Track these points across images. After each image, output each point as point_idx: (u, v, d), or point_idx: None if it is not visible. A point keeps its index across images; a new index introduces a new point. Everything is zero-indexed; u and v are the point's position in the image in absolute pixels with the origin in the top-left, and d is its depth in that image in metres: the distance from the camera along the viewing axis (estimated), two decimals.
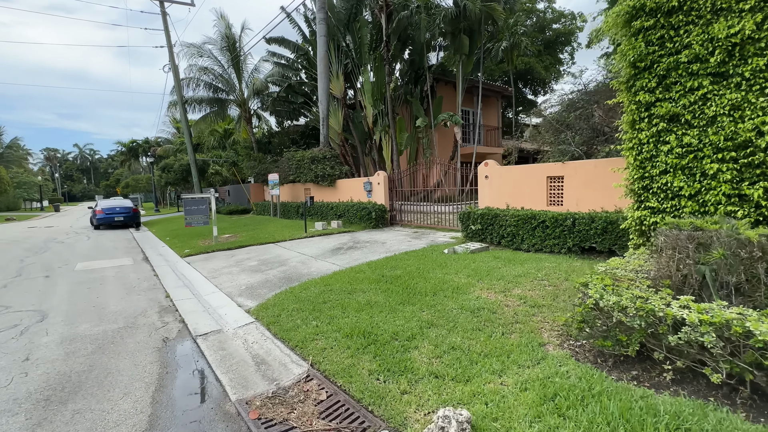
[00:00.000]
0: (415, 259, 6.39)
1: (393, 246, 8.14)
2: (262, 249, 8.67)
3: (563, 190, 7.14)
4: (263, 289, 5.39)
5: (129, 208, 16.45)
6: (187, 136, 16.75)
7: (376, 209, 11.18)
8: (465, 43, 13.55)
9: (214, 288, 5.64)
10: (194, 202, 9.52)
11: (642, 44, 4.22)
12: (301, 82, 18.17)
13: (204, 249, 8.79)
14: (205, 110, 20.23)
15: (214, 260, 7.73)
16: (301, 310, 4.27)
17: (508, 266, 5.58)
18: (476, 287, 4.69)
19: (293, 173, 15.42)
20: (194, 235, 11.32)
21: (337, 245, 8.59)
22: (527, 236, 6.91)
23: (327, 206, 13.27)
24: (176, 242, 10.34)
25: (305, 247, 8.53)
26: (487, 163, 8.47)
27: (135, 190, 38.08)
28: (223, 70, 20.16)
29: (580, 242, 6.17)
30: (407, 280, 5.13)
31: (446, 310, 4.00)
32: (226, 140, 29.94)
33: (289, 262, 7.13)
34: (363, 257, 7.11)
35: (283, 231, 11.09)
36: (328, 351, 3.25)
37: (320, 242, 9.12)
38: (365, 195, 12.35)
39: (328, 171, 13.61)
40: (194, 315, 4.49)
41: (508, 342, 3.23)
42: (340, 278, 5.47)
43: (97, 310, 4.83)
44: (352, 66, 17.26)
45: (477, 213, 7.88)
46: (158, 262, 8.05)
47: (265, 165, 18.56)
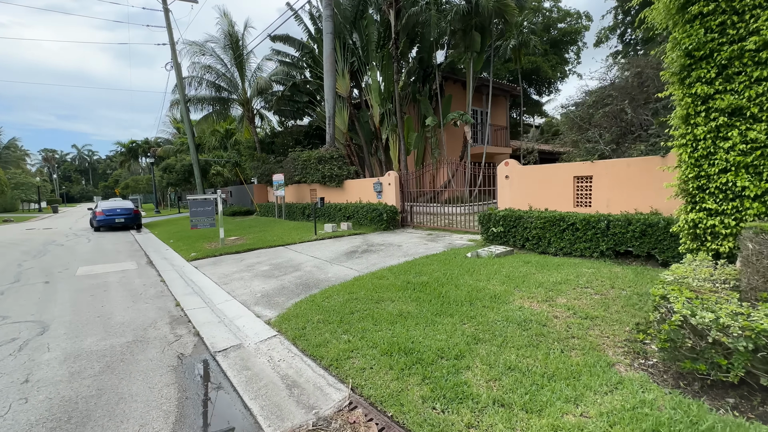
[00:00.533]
0: (439, 264, 6.02)
1: (410, 249, 7.77)
2: (272, 252, 8.29)
3: (592, 191, 6.79)
4: (281, 297, 5.01)
5: (130, 209, 16.04)
6: (189, 135, 16.37)
7: (387, 211, 10.81)
8: (477, 39, 13.21)
9: (227, 296, 5.26)
10: (200, 204, 9.15)
11: (701, 31, 3.86)
12: (306, 80, 17.82)
13: (211, 252, 8.40)
14: (207, 109, 19.86)
15: (223, 264, 7.34)
16: (327, 321, 3.90)
17: (542, 272, 5.22)
18: (515, 296, 4.32)
19: (299, 174, 15.04)
20: (199, 237, 10.92)
21: (350, 248, 8.21)
22: (555, 239, 6.55)
23: (335, 207, 12.90)
24: (181, 245, 9.95)
25: (317, 251, 8.15)
26: (507, 163, 8.11)
27: (135, 191, 37.62)
28: (225, 68, 19.79)
29: (615, 246, 5.82)
30: (437, 288, 4.76)
31: (489, 322, 3.63)
32: (227, 140, 29.56)
33: (304, 266, 6.75)
34: (381, 261, 6.74)
35: (292, 233, 10.71)
36: (368, 372, 2.88)
37: (332, 245, 8.75)
38: (375, 196, 11.98)
39: (336, 171, 13.24)
40: (209, 327, 4.11)
41: (570, 361, 2.86)
42: (362, 285, 5.10)
43: (102, 321, 4.44)
44: (359, 64, 16.91)
45: (499, 214, 7.52)
46: (164, 266, 7.66)
47: (269, 165, 18.18)
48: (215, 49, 19.43)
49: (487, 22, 13.21)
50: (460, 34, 13.52)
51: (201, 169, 16.96)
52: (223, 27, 19.12)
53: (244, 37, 19.66)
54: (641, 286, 4.37)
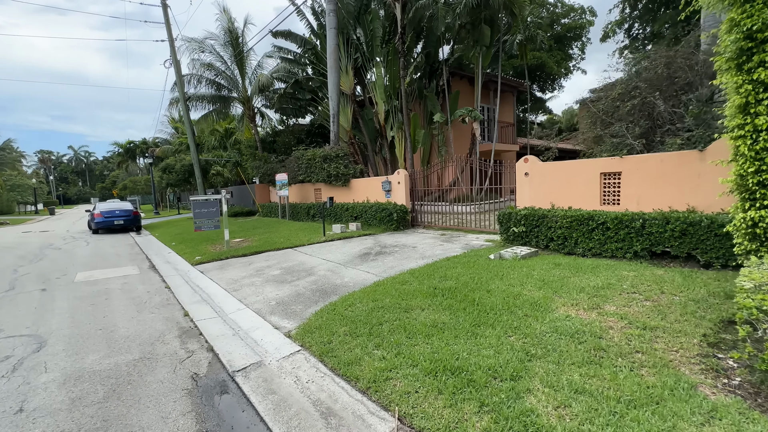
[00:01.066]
0: (463, 267, 5.65)
1: (426, 251, 7.40)
2: (281, 255, 7.91)
3: (620, 188, 6.43)
4: (298, 305, 4.63)
5: (129, 211, 15.61)
6: (189, 134, 15.95)
7: (397, 210, 10.44)
8: (486, 33, 12.85)
9: (239, 304, 4.88)
10: (204, 205, 8.75)
11: (766, 9, 3.50)
12: (308, 77, 17.41)
13: (216, 255, 8.01)
14: (207, 108, 19.40)
15: (231, 269, 6.96)
16: (355, 334, 3.53)
17: (578, 275, 4.86)
18: (557, 303, 3.96)
19: (303, 173, 14.65)
20: (202, 239, 10.53)
21: (363, 250, 7.84)
22: (582, 239, 6.20)
23: (341, 207, 12.51)
24: (184, 248, 9.55)
25: (329, 253, 7.77)
26: (527, 159, 7.75)
27: (133, 192, 37.10)
28: (225, 66, 19.34)
29: (651, 246, 5.47)
30: (467, 294, 4.39)
31: (537, 334, 3.27)
32: (227, 140, 29.09)
33: (317, 270, 6.38)
34: (399, 264, 6.37)
35: (299, 234, 10.32)
36: (414, 397, 2.51)
37: (343, 247, 8.37)
38: (383, 195, 11.61)
39: (342, 170, 12.86)
40: (224, 341, 3.73)
41: (643, 381, 2.50)
42: (385, 291, 4.73)
43: (104, 335, 4.06)
44: (363, 61, 16.51)
45: (520, 213, 7.16)
46: (167, 271, 7.27)
47: (272, 165, 17.77)
48: (215, 47, 18.99)
49: (496, 15, 12.84)
50: (468, 28, 13.14)
51: (201, 169, 16.54)
52: (222, 23, 18.69)
53: (244, 34, 19.24)
54: (693, 291, 4.02)
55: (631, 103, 6.44)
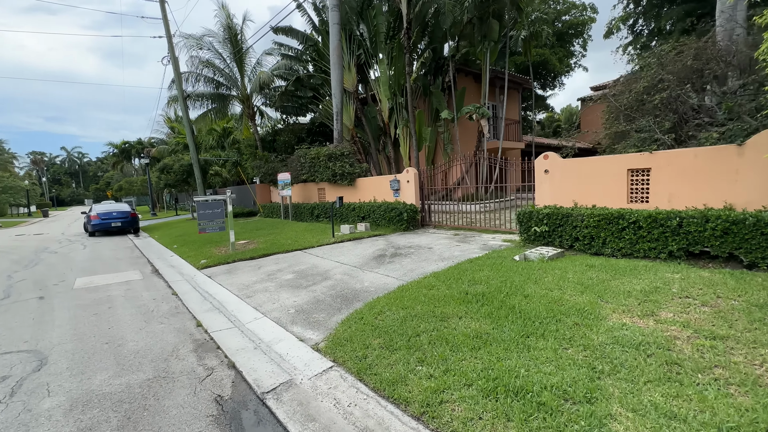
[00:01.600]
0: (490, 270, 5.34)
1: (443, 252, 7.09)
2: (290, 258, 7.56)
3: (650, 185, 6.15)
4: (320, 313, 4.30)
5: (127, 212, 15.15)
6: (188, 133, 15.52)
7: (407, 210, 10.11)
8: (494, 28, 12.53)
9: (255, 312, 4.53)
10: (208, 206, 8.37)
11: None
12: (309, 74, 17.02)
13: (223, 259, 7.64)
14: (205, 106, 18.98)
15: (240, 273, 6.60)
16: (391, 347, 3.21)
17: (618, 278, 4.56)
18: (605, 309, 3.66)
19: (306, 172, 14.28)
20: (205, 241, 10.14)
21: (377, 252, 7.51)
22: (611, 239, 5.91)
23: (348, 207, 12.17)
24: (187, 251, 9.16)
25: (341, 255, 7.43)
26: (547, 156, 7.46)
27: (129, 192, 36.44)
28: (224, 64, 18.92)
29: (688, 246, 5.18)
30: (503, 300, 4.08)
31: (596, 345, 2.96)
32: (225, 140, 28.62)
33: (332, 274, 6.04)
34: (419, 267, 6.05)
35: (306, 235, 9.97)
36: (479, 425, 2.19)
37: (354, 248, 8.04)
38: (391, 194, 11.28)
39: (348, 169, 12.51)
40: (245, 356, 3.39)
41: (737, 403, 2.20)
42: (412, 297, 4.41)
43: (112, 350, 3.70)
44: (366, 57, 16.16)
45: (542, 212, 6.86)
46: (172, 276, 6.90)
47: (273, 164, 17.37)
48: (213, 44, 18.57)
49: (503, 9, 12.55)
50: (475, 23, 12.84)
51: (200, 169, 16.12)
52: (221, 20, 18.27)
53: (243, 31, 18.83)
54: (752, 295, 3.73)
55: (660, 96, 6.15)
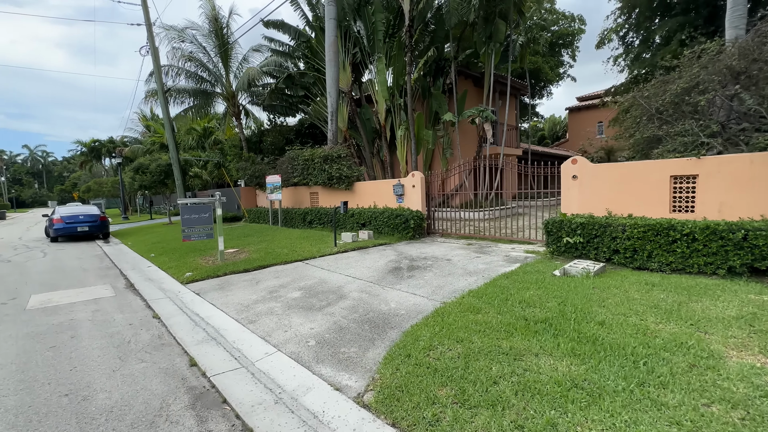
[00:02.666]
0: (536, 289, 4.62)
1: (466, 265, 6.34)
2: (291, 270, 6.61)
3: (696, 193, 5.64)
4: (349, 346, 3.43)
5: (95, 216, 13.67)
6: (168, 130, 14.23)
7: (414, 217, 9.35)
8: (501, 29, 12.09)
9: (264, 344, 3.61)
10: (194, 210, 7.31)
11: None
12: (301, 72, 16.10)
13: (212, 271, 6.61)
14: (186, 103, 17.69)
15: (235, 289, 5.61)
16: (467, 403, 2.39)
17: (695, 301, 3.93)
18: (712, 343, 2.98)
19: (298, 175, 13.31)
20: (188, 250, 9.00)
21: (390, 264, 6.68)
22: (659, 252, 5.33)
23: (345, 213, 11.26)
24: (167, 261, 8.03)
25: (350, 267, 6.56)
26: (575, 161, 6.88)
27: (98, 194, 33.99)
28: (208, 58, 17.74)
29: (753, 261, 4.65)
30: (576, 328, 3.35)
31: (739, 399, 2.25)
32: (205, 140, 27.15)
33: (347, 291, 5.16)
34: (445, 283, 5.27)
35: (302, 244, 9.01)
36: None
37: (362, 259, 7.18)
38: (394, 200, 10.49)
39: (346, 172, 11.65)
40: (265, 416, 2.48)
41: None
42: (459, 324, 3.62)
43: (74, 407, 2.70)
44: (362, 56, 15.45)
45: (575, 221, 6.24)
46: (152, 292, 5.82)
47: (260, 166, 16.28)
48: (197, 37, 17.37)
49: (509, 10, 12.13)
50: (481, 23, 12.36)
51: (180, 169, 14.83)
52: (205, 11, 17.14)
53: (230, 24, 17.73)
54: None
55: (706, 97, 5.69)
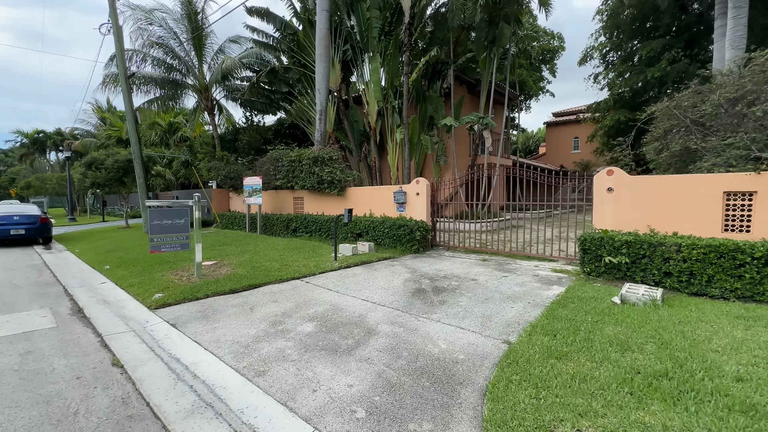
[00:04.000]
0: (616, 324, 3.80)
1: (498, 286, 5.48)
2: (290, 291, 5.42)
3: (752, 211, 5.14)
4: (419, 421, 2.38)
5: (34, 216, 11.56)
6: (130, 120, 12.40)
7: (420, 228, 8.42)
8: (505, 33, 11.63)
9: (290, 416, 2.48)
10: (166, 214, 5.92)
11: None
12: (286, 67, 14.86)
13: (189, 291, 5.28)
14: (153, 93, 15.85)
15: (224, 318, 4.36)
16: None
17: None
18: None
19: (282, 177, 12.01)
20: (153, 261, 7.50)
21: (408, 284, 5.68)
22: (722, 277, 4.74)
23: (349, 222, 10.14)
24: (126, 275, 6.53)
25: (362, 288, 5.49)
26: (611, 171, 6.27)
27: (40, 191, 30.17)
28: (179, 45, 16.04)
29: None
30: (715, 387, 2.53)
31: None
32: (170, 136, 24.93)
33: (372, 322, 4.10)
34: (489, 311, 4.37)
35: (294, 256, 7.79)
36: None
37: (372, 277, 6.12)
38: (394, 208, 9.53)
39: (338, 176, 10.54)
40: None
41: None
42: (553, 379, 2.71)
43: None
44: (353, 54, 14.49)
45: (619, 239, 5.57)
46: (109, 321, 4.43)
47: (235, 167, 14.75)
48: (167, 20, 15.66)
49: (514, 13, 11.70)
50: (483, 26, 11.84)
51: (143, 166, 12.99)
52: None
53: (204, 9, 16.16)
54: None
55: (762, 108, 5.25)
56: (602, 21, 20.09)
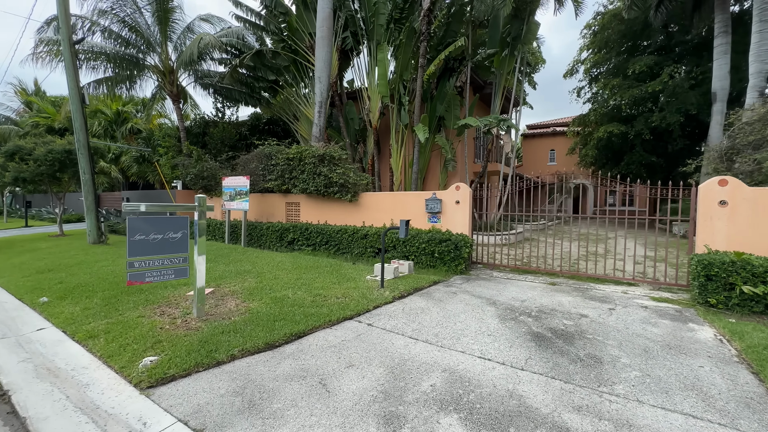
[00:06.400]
0: None
1: (627, 326, 4.16)
2: (356, 342, 3.65)
3: None
4: None
5: None
6: (75, 99, 9.58)
7: (465, 243, 6.97)
8: (533, 29, 10.72)
9: None
10: (156, 224, 3.87)
11: None
12: (275, 51, 12.82)
13: (200, 350, 3.31)
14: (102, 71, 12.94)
15: (288, 411, 2.53)
16: None
17: None
18: None
19: (276, 178, 9.98)
20: (119, 289, 5.26)
21: (508, 325, 4.17)
22: None
23: (346, 232, 8.37)
24: (78, 313, 4.32)
25: (452, 333, 3.87)
26: (725, 181, 5.27)
27: None
28: (139, 14, 13.32)
29: None
30: None
31: None
32: (117, 127, 21.33)
33: (538, 406, 2.53)
34: (668, 373, 3.01)
35: (315, 278, 5.93)
36: None
37: (448, 314, 4.53)
38: (424, 218, 8.01)
39: (352, 178, 8.80)
40: None
41: None
42: None
43: None
44: (353, 43, 12.88)
45: (760, 264, 4.52)
46: (67, 427, 2.40)
47: (209, 165, 12.33)
48: None
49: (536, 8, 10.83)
50: (506, 19, 10.84)
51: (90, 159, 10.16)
52: None
53: None
54: None
55: None
56: (590, 36, 20.35)
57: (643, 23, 17.13)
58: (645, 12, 15.13)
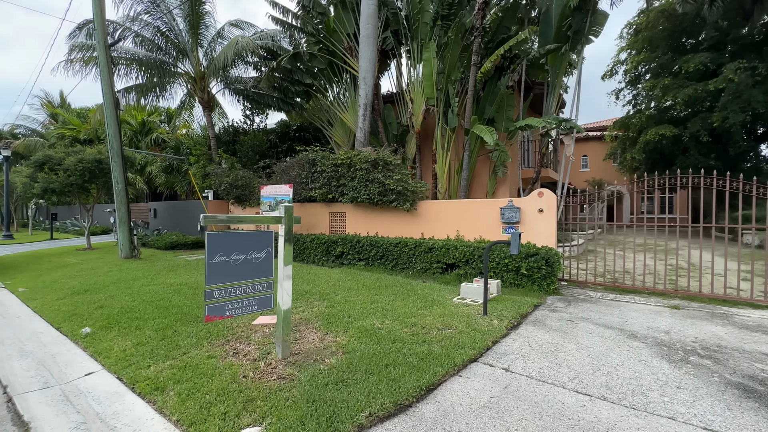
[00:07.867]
0: None
1: None
2: (515, 404, 2.70)
3: None
4: None
5: None
6: (110, 104, 8.94)
7: (557, 258, 5.99)
8: (601, 20, 9.83)
9: None
10: (239, 242, 3.04)
11: None
12: (312, 53, 12.18)
13: (312, 415, 2.41)
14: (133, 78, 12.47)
15: None
16: None
17: None
18: None
19: (321, 186, 9.18)
20: (169, 314, 4.44)
21: (686, 369, 3.19)
22: None
23: (407, 245, 7.46)
24: (131, 349, 3.48)
25: (626, 386, 2.90)
26: None
27: None
28: (171, 19, 12.89)
29: None
30: None
31: None
32: (142, 138, 21.04)
33: None
34: None
35: (392, 301, 5.01)
36: None
37: (595, 353, 3.56)
38: (498, 229, 7.06)
39: (411, 185, 7.93)
40: None
41: None
42: None
43: None
44: (394, 43, 12.17)
45: None
46: None
47: (244, 173, 11.64)
48: None
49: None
50: (568, 11, 9.97)
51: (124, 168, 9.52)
52: None
53: None
54: None
55: None
56: (631, 35, 19.37)
57: (692, 20, 16.11)
58: (698, 7, 14.16)
